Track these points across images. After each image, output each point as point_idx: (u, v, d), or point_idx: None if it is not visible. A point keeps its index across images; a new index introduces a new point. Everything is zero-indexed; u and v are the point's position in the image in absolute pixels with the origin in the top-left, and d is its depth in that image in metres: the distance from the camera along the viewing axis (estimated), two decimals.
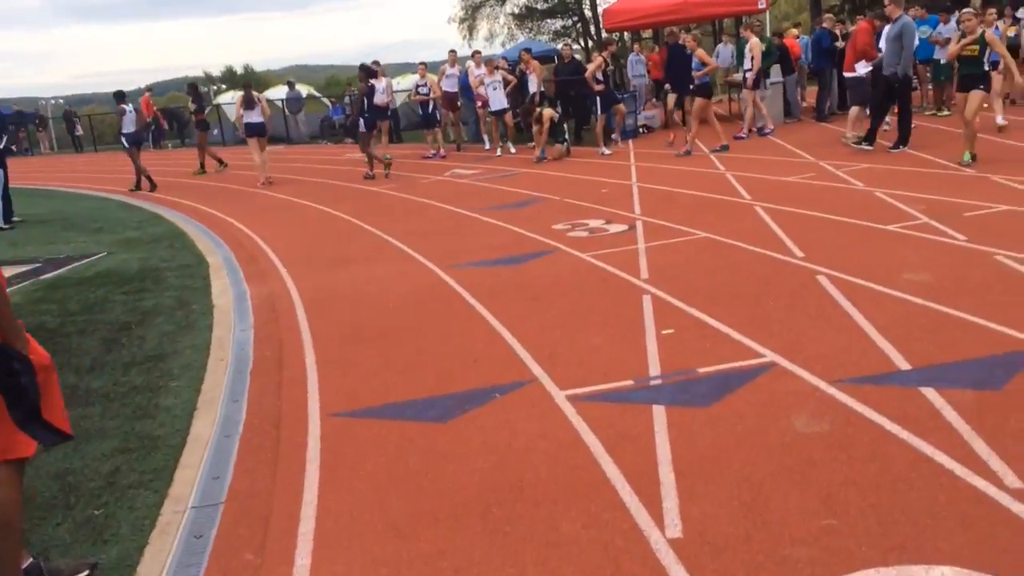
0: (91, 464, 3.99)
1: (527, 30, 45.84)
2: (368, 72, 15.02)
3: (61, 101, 68.93)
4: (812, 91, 17.12)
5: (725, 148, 13.12)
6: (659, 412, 4.01)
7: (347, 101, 24.34)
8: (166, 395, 4.85)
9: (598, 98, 14.58)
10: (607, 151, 14.30)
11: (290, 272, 7.85)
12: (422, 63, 17.10)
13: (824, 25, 16.09)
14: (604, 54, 14.98)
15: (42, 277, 8.28)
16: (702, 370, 4.49)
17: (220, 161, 18.04)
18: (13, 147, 32.17)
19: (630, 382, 4.43)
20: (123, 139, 15.42)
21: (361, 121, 14.33)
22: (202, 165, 17.86)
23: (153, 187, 15.41)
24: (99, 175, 20.05)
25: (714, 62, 14.57)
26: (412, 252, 8.19)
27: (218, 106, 27.71)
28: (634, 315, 5.51)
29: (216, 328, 6.16)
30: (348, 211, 11.06)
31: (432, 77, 16.98)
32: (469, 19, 47.73)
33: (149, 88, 27.12)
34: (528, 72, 16.02)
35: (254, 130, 14.88)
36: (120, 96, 15.59)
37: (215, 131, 23.66)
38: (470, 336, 5.45)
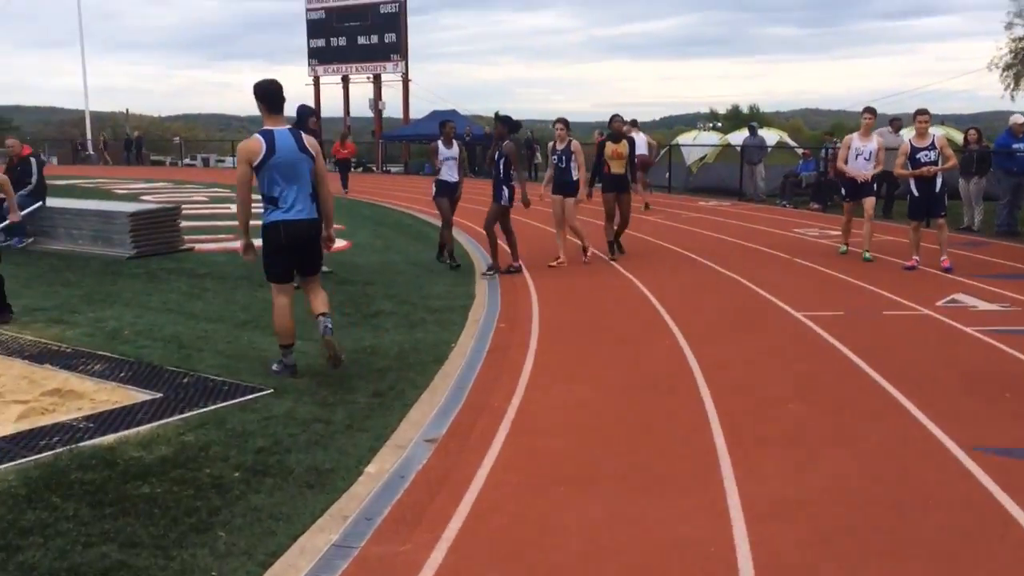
0: None
1: None
2: (509, 124, 9.74)
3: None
4: None
5: None
6: None
7: (824, 155, 18.66)
8: None
9: None
10: None
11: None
12: (924, 112, 9.85)
13: None
14: None
15: (93, 442, 4.60)
16: None
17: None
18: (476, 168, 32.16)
19: None
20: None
21: (504, 191, 9.70)
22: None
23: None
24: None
25: None
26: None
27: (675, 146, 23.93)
28: None
29: None
30: (694, 345, 5.91)
31: (939, 132, 10.66)
32: (1018, 65, 37.85)
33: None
34: None
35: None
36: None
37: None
38: None
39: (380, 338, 6.92)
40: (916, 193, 9.80)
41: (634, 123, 17.51)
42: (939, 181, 9.74)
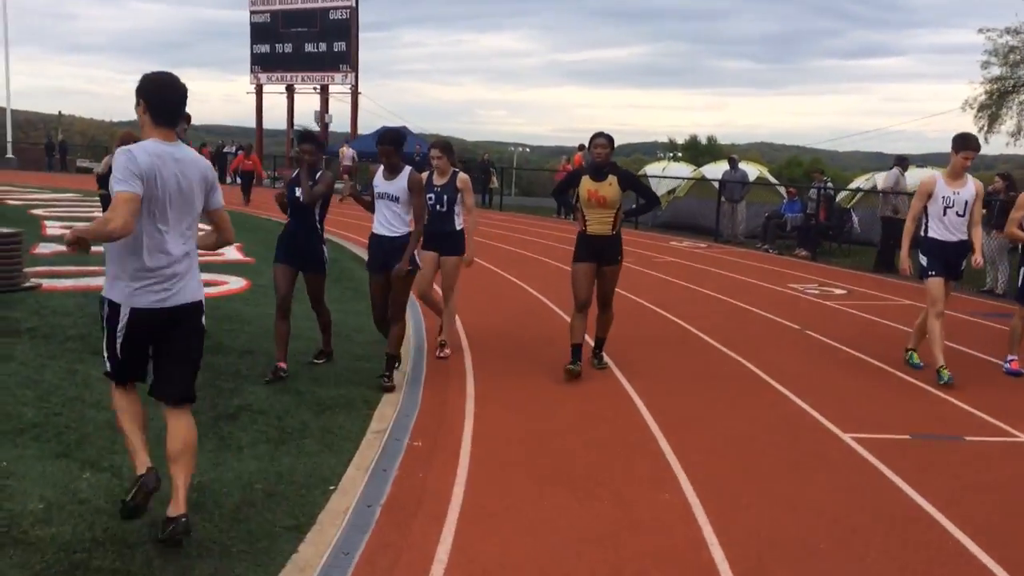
0: None
1: None
2: (310, 139, 6.37)
3: (528, 150, 70.61)
4: None
5: None
6: None
7: (811, 196, 16.63)
8: None
9: None
10: None
11: None
12: None
13: None
14: None
15: None
16: None
17: None
18: None
19: None
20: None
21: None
22: None
23: None
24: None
25: None
26: None
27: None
28: None
29: None
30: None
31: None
32: (992, 106, 36.38)
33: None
34: None
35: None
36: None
37: None
38: None
39: (224, 466, 4.44)
40: None
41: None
42: None
